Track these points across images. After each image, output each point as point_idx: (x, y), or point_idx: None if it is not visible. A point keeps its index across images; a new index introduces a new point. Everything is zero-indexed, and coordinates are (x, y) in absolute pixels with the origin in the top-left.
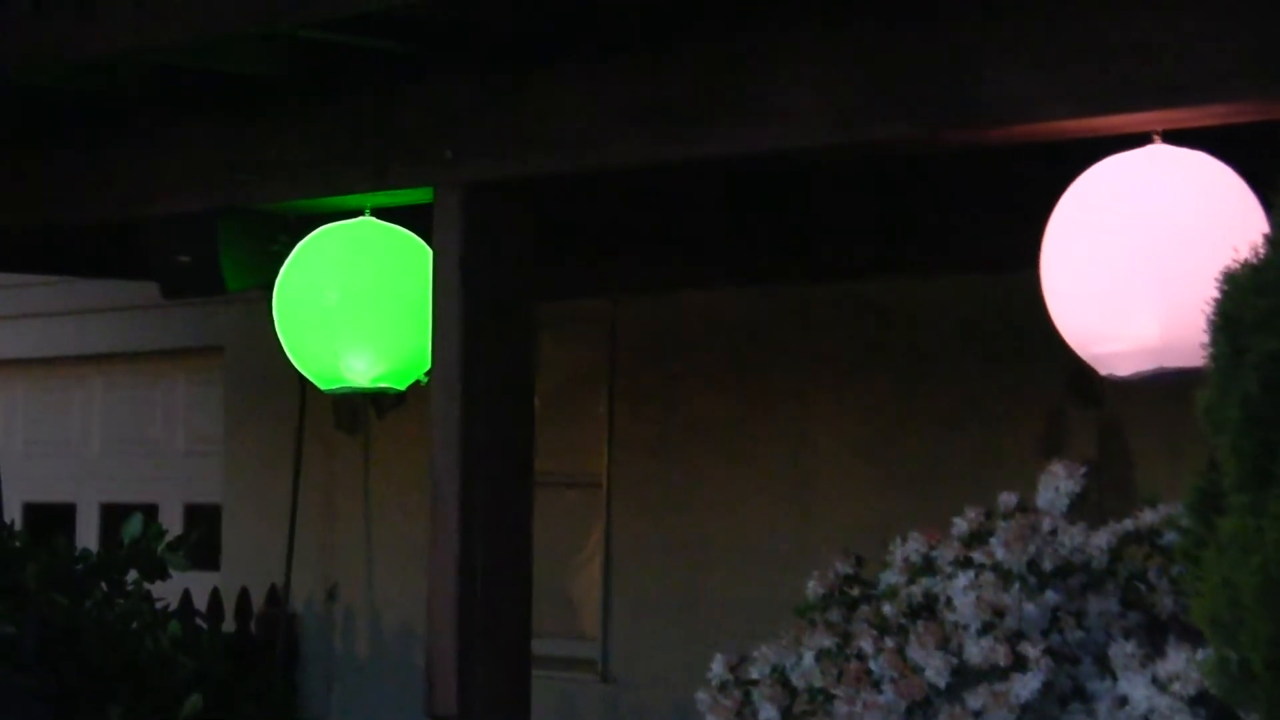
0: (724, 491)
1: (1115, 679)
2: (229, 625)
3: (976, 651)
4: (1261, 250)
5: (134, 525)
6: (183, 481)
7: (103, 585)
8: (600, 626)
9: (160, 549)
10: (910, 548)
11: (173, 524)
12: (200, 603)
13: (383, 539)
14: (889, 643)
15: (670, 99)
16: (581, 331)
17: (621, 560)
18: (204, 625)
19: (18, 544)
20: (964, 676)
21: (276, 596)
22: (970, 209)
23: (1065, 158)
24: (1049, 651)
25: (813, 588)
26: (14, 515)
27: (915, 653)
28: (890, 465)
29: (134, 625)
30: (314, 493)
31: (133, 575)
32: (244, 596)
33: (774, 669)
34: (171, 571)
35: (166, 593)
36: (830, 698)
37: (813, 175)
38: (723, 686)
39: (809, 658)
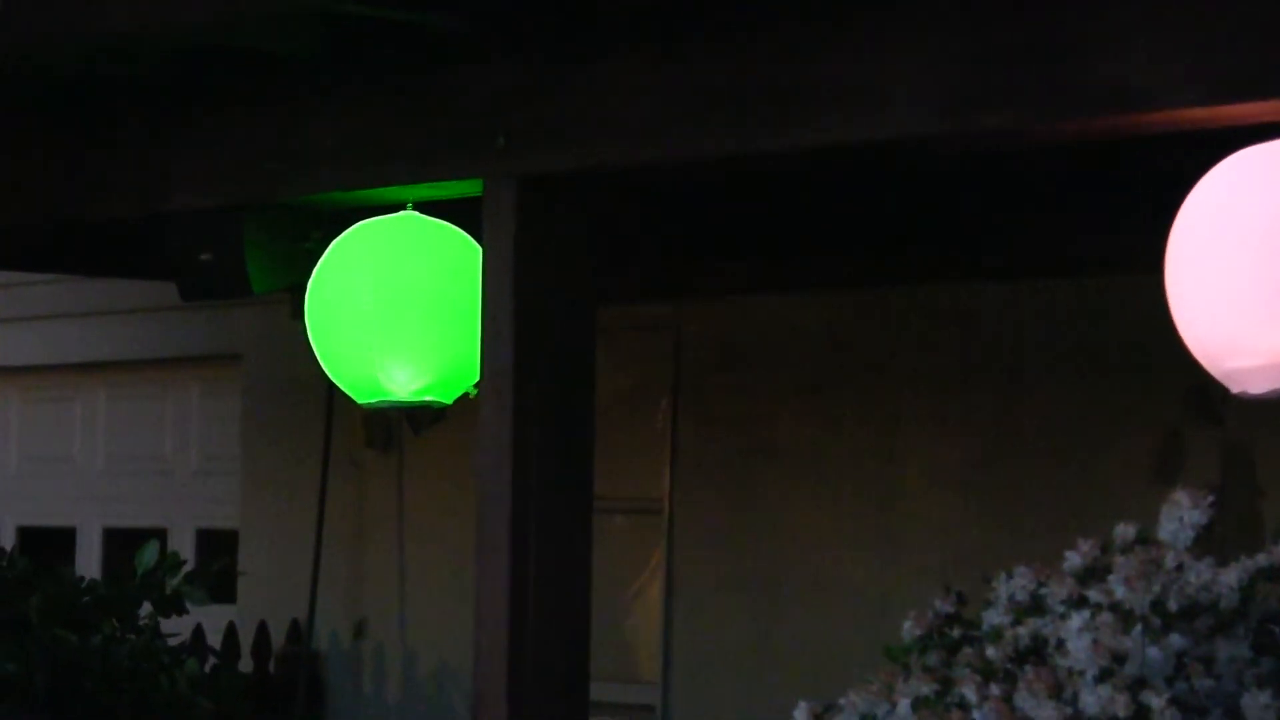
0: (800, 520)
1: None
2: (245, 664)
3: (1093, 701)
4: None
5: (148, 554)
6: (195, 504)
7: (113, 620)
8: (660, 670)
9: (177, 581)
10: (1016, 584)
11: (183, 551)
12: (214, 639)
13: (418, 569)
14: (994, 690)
15: (748, 86)
16: (642, 340)
17: (684, 596)
18: (219, 665)
19: (20, 572)
20: None
21: (298, 633)
22: (1075, 207)
23: (1183, 149)
24: (1174, 702)
25: (909, 628)
26: (7, 541)
27: (1024, 701)
28: (986, 492)
29: (145, 664)
30: (341, 517)
31: (145, 609)
32: (262, 632)
33: (864, 718)
34: (189, 607)
35: (175, 627)
36: None
37: (903, 171)
38: None
39: (904, 706)
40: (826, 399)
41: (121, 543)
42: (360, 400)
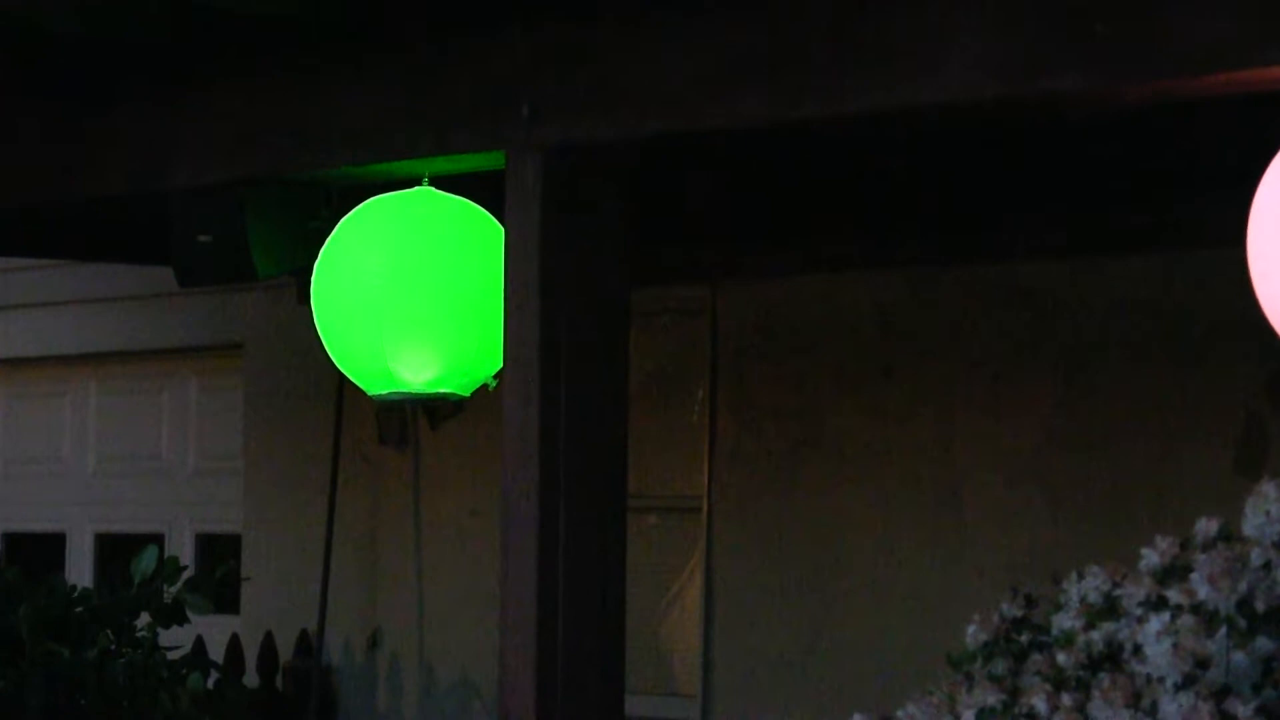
0: (850, 518)
1: None
2: (250, 679)
3: (1174, 710)
4: None
5: (147, 560)
6: (194, 506)
7: (108, 633)
8: (699, 682)
9: (177, 589)
10: (1088, 585)
11: (182, 557)
12: (216, 651)
13: (436, 574)
14: (1066, 700)
15: (789, 49)
16: (677, 323)
17: (725, 601)
18: (222, 679)
19: (7, 581)
20: None
21: (308, 644)
22: (1146, 176)
23: (1267, 111)
24: (1262, 710)
25: (973, 633)
26: None
27: (1099, 712)
28: (1054, 485)
29: (143, 680)
30: (353, 519)
31: (143, 620)
32: (268, 644)
33: None
34: (191, 616)
35: (174, 639)
36: None
37: (958, 139)
38: None
39: (969, 718)
40: (877, 386)
41: (115, 549)
42: (371, 392)
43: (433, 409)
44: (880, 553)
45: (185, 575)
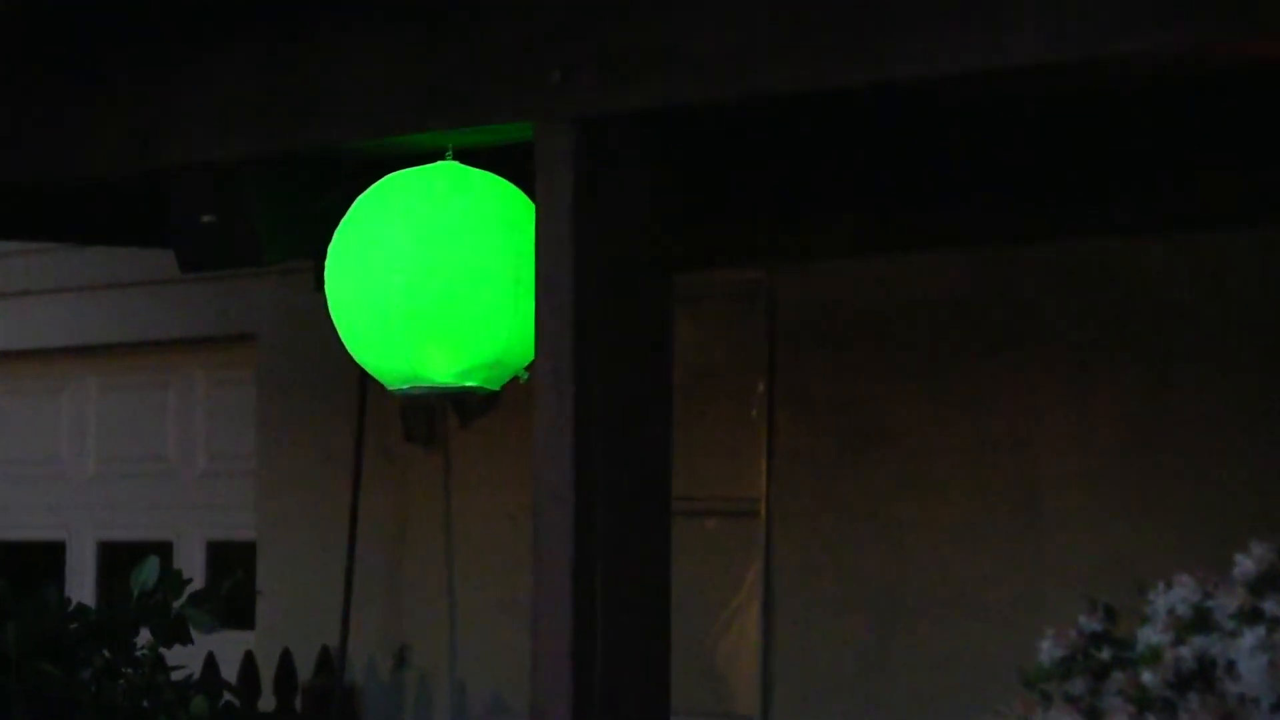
0: (920, 521)
1: None
2: (266, 700)
3: None
4: None
5: (147, 572)
6: (204, 512)
7: (104, 651)
8: (759, 701)
9: (181, 603)
10: (1176, 596)
11: (191, 567)
12: (229, 671)
13: (468, 586)
14: None
15: (842, 9)
16: (731, 310)
17: (786, 613)
18: (235, 701)
19: None
20: None
21: (329, 662)
22: (1249, 144)
23: None
24: None
25: (1048, 649)
26: None
27: None
28: (1140, 487)
29: (144, 703)
30: (378, 525)
31: (145, 637)
32: (286, 662)
33: None
34: (196, 633)
35: (184, 658)
36: None
37: (1034, 103)
38: None
39: None
40: (949, 378)
41: (119, 558)
42: (392, 387)
43: (463, 404)
44: (952, 561)
45: (190, 588)
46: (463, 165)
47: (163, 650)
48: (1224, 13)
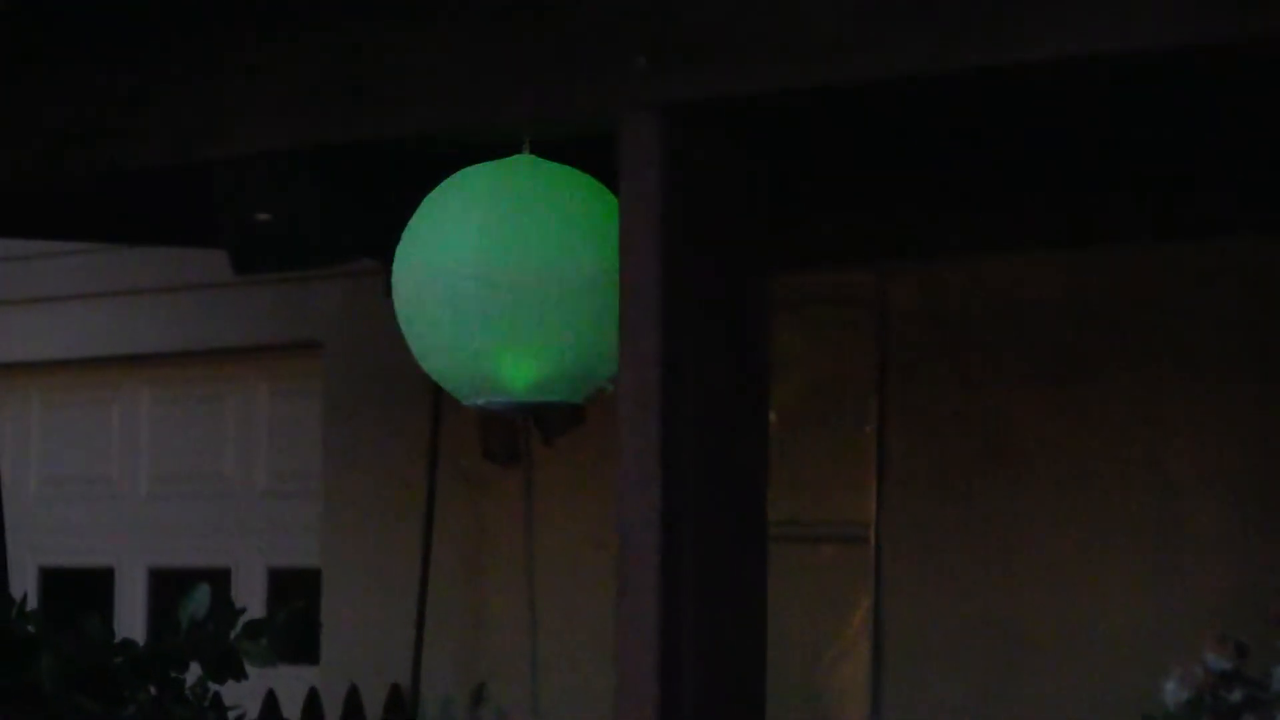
0: (1044, 546)
1: None
2: None
3: None
4: None
5: (197, 601)
6: (265, 536)
7: (150, 687)
8: None
9: (234, 635)
10: None
11: (251, 596)
12: (291, 709)
13: (552, 617)
14: None
15: None
16: (837, 315)
17: (897, 645)
18: None
19: (31, 627)
20: None
21: (401, 700)
22: None
23: None
24: None
25: (1172, 690)
26: (24, 584)
27: None
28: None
29: None
30: (453, 551)
31: (196, 672)
32: (353, 700)
33: None
34: (250, 668)
35: (241, 695)
36: None
37: (1162, 91)
38: None
39: None
40: (1075, 389)
41: (172, 586)
42: (465, 400)
43: (546, 419)
44: (1076, 587)
45: (244, 618)
46: (540, 158)
47: (218, 688)
48: None
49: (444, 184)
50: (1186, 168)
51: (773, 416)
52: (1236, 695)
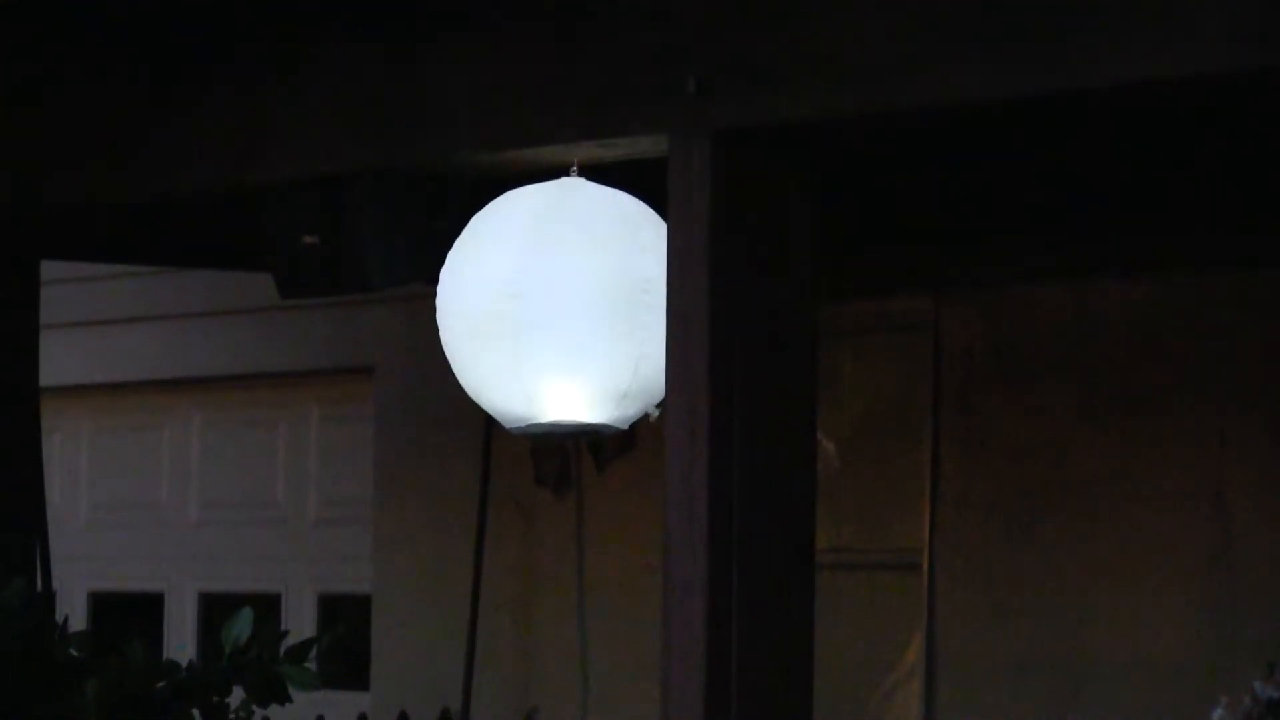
0: (1100, 577)
1: None
2: None
3: None
4: None
5: (240, 624)
6: (316, 562)
7: (195, 712)
8: None
9: (279, 659)
10: None
11: (302, 621)
12: None
13: (603, 644)
14: None
15: (1012, 12)
16: (891, 343)
17: (952, 676)
18: None
19: (75, 652)
20: None
21: None
22: None
23: None
24: None
25: (1220, 718)
26: (74, 609)
27: None
28: None
29: None
30: (504, 576)
31: (239, 695)
32: None
33: None
34: (294, 692)
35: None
36: None
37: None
38: None
39: None
40: (1135, 419)
41: (222, 612)
42: (509, 425)
43: (599, 445)
44: (1136, 620)
45: (287, 642)
46: (588, 182)
47: (265, 713)
48: None
49: (491, 205)
50: (1255, 197)
51: (829, 444)
52: None
